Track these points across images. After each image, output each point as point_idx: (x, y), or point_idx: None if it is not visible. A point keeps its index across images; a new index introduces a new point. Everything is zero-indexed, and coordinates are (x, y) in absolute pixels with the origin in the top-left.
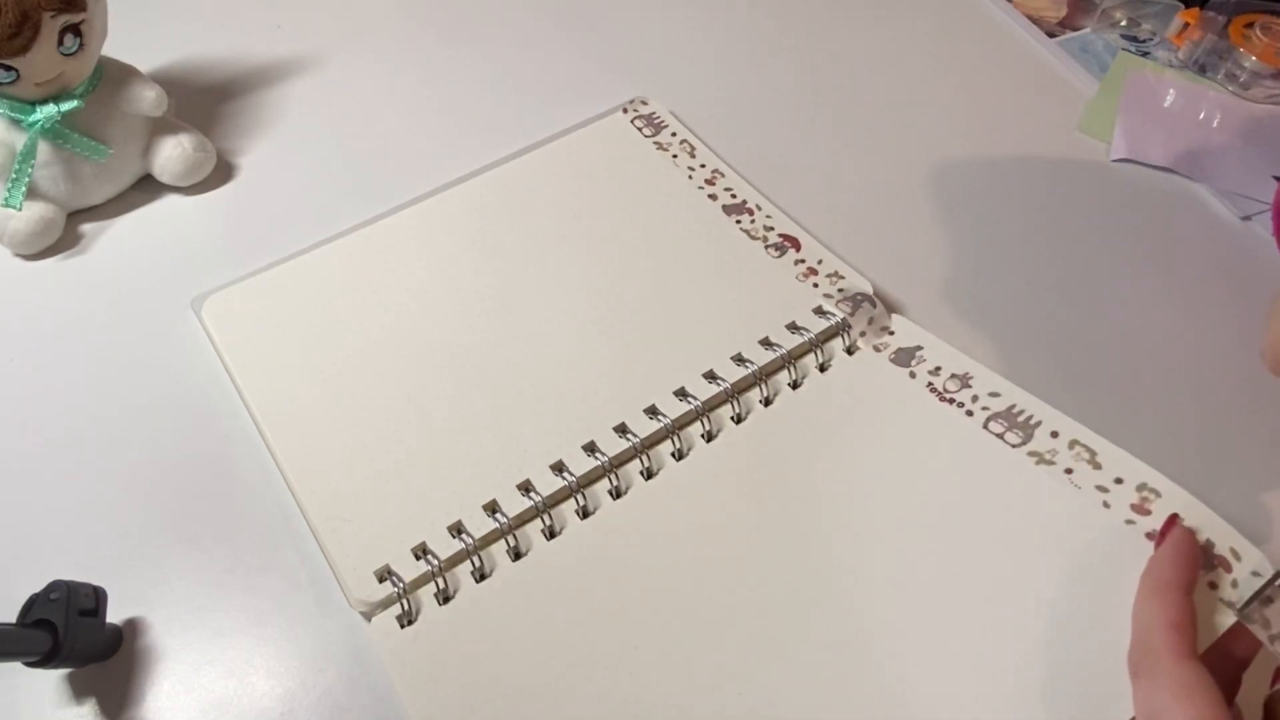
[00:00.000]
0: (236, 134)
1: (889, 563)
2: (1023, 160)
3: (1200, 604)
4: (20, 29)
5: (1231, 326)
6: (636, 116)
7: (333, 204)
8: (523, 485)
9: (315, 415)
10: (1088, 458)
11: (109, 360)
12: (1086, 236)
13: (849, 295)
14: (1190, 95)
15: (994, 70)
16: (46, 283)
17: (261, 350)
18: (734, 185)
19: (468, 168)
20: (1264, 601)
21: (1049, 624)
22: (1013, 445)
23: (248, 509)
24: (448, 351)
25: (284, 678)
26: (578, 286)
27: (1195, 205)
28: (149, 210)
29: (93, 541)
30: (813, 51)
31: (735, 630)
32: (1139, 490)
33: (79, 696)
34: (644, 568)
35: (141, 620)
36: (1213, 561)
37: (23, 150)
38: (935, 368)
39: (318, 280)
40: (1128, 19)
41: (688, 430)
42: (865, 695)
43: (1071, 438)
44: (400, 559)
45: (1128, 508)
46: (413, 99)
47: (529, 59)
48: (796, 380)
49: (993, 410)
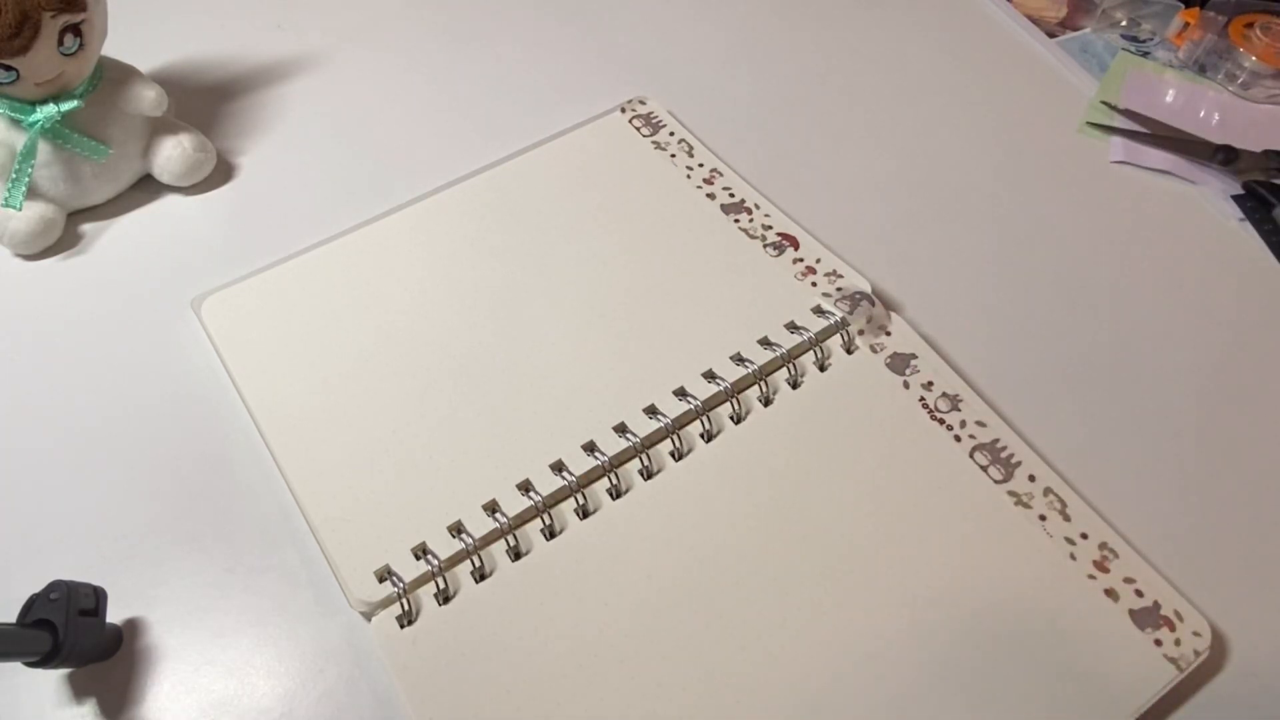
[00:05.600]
0: (236, 134)
1: (871, 574)
2: (1022, 160)
3: (1142, 658)
4: (20, 29)
5: (1231, 328)
6: (635, 116)
7: (333, 204)
8: (522, 485)
9: (315, 415)
10: (1059, 508)
11: (109, 360)
12: (1085, 237)
13: (847, 294)
14: (1190, 95)
15: (994, 70)
16: (46, 283)
17: (261, 350)
18: (732, 184)
19: (467, 167)
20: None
21: (1006, 666)
22: (995, 481)
23: (248, 509)
24: (447, 351)
25: (284, 678)
26: (576, 286)
27: (1194, 206)
28: (149, 210)
29: (93, 541)
30: (811, 51)
31: (735, 629)
32: (1100, 548)
33: (79, 696)
34: (643, 567)
35: (141, 620)
36: (1158, 621)
37: (23, 150)
38: (928, 382)
39: (318, 280)
40: (1128, 19)
41: (687, 430)
42: (863, 696)
43: (1046, 485)
44: (400, 559)
45: (1090, 563)
46: (412, 99)
47: (528, 59)
48: (796, 379)
49: (979, 441)
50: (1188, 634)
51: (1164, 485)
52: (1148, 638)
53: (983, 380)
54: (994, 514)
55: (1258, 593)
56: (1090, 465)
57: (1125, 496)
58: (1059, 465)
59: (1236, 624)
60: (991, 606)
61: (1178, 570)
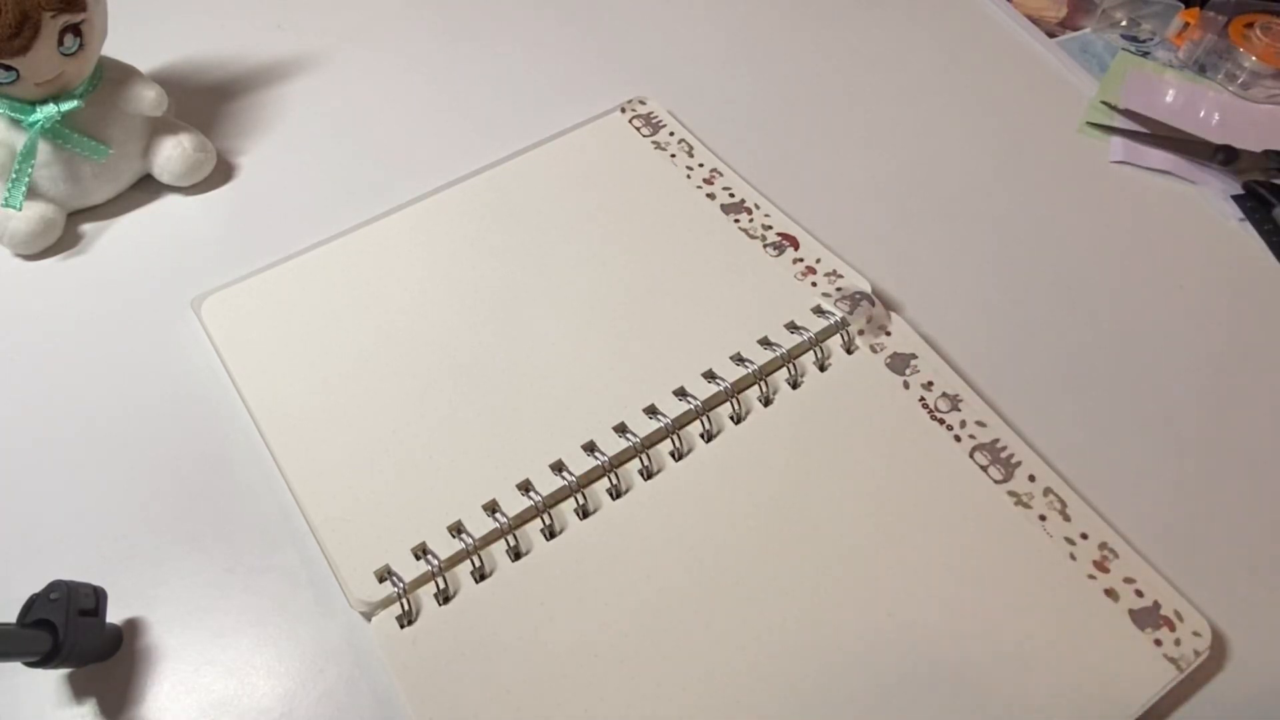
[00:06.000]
0: (236, 134)
1: (871, 574)
2: (1022, 160)
3: (1142, 658)
4: (20, 29)
5: (1231, 328)
6: (635, 116)
7: (333, 204)
8: (522, 485)
9: (315, 415)
10: (1059, 508)
11: (109, 360)
12: (1085, 237)
13: (847, 294)
14: (1190, 95)
15: (994, 70)
16: (46, 283)
17: (261, 350)
18: (732, 184)
19: (466, 167)
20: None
21: (1006, 666)
22: (995, 481)
23: (248, 509)
24: (447, 351)
25: (284, 678)
26: (576, 286)
27: (1194, 206)
28: (149, 210)
29: (93, 541)
30: (811, 51)
31: (735, 629)
32: (1100, 548)
33: (79, 696)
34: (643, 567)
35: (141, 620)
36: (1158, 621)
37: (23, 150)
38: (928, 382)
39: (318, 280)
40: (1128, 19)
41: (687, 430)
42: (862, 695)
43: (1046, 485)
44: (400, 559)
45: (1090, 563)
46: (412, 99)
47: (528, 59)
48: (796, 379)
49: (979, 441)
50: (1188, 634)
51: (1164, 485)
52: (1148, 638)
53: (983, 380)
54: (994, 514)
55: (1258, 593)
56: (1090, 465)
57: (1125, 496)
58: (1059, 465)
59: (1236, 624)
60: (991, 606)
61: (1178, 570)
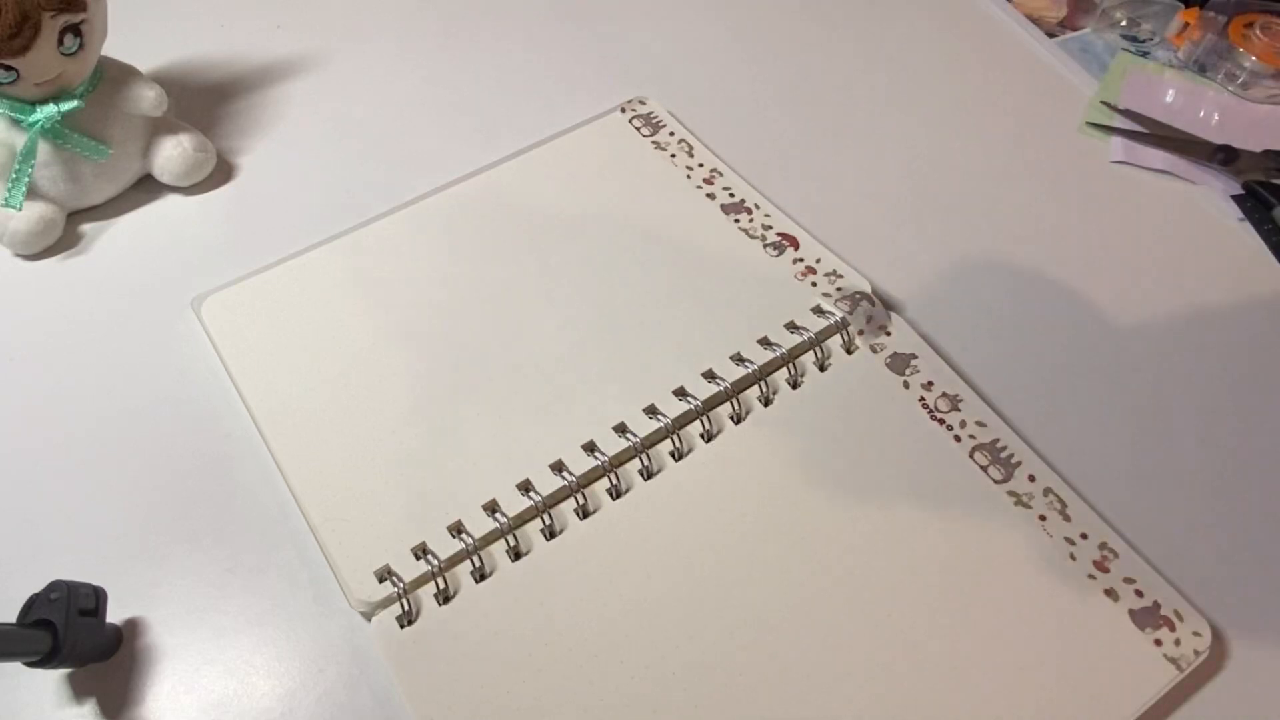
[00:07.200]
0: (236, 134)
1: (870, 574)
2: (1022, 160)
3: (1142, 658)
4: (20, 29)
5: (1231, 328)
6: (635, 116)
7: (333, 203)
8: (522, 485)
9: (315, 415)
10: (1059, 508)
11: (109, 360)
12: (1085, 237)
13: (847, 294)
14: (1190, 95)
15: (994, 70)
16: (46, 283)
17: (261, 350)
18: (732, 184)
19: (466, 167)
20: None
21: (1006, 666)
22: (995, 481)
23: (248, 509)
24: (447, 350)
25: (284, 678)
26: (577, 285)
27: (1194, 206)
28: (149, 210)
29: (93, 541)
30: (811, 51)
31: (735, 629)
32: (1100, 548)
33: (79, 696)
34: (643, 567)
35: (141, 620)
36: (1158, 621)
37: (23, 150)
38: (928, 382)
39: (318, 280)
40: (1128, 19)
41: (687, 430)
42: (862, 695)
43: (1046, 485)
44: (400, 559)
45: (1090, 563)
46: (412, 99)
47: (528, 59)
48: (796, 379)
49: (978, 441)
50: (1188, 634)
51: (1164, 485)
52: (1148, 638)
53: (983, 380)
54: (994, 514)
55: (1258, 593)
56: (1090, 465)
57: (1125, 496)
58: (1059, 465)
59: (1236, 624)
60: (991, 607)
61: (1178, 570)
